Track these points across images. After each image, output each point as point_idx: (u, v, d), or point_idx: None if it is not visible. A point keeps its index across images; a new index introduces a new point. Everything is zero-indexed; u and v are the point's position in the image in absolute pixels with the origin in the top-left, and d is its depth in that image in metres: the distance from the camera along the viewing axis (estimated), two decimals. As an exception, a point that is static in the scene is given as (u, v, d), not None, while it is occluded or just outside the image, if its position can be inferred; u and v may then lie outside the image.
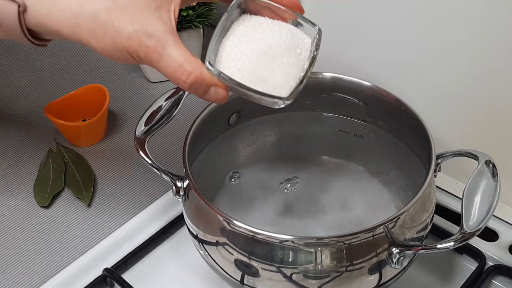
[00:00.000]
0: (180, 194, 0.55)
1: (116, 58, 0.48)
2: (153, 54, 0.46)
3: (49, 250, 0.64)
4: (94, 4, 0.47)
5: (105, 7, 0.46)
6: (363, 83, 0.61)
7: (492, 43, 0.58)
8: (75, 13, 0.47)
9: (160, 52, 0.46)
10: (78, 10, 0.47)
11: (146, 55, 0.46)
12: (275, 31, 0.49)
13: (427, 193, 0.52)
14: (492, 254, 0.61)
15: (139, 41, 0.46)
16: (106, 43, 0.47)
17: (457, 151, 0.56)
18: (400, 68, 0.67)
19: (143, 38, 0.46)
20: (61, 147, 0.75)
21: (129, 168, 0.73)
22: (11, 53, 0.92)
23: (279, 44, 0.48)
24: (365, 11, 0.67)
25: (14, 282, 0.61)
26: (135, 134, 0.57)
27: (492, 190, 0.50)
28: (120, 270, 0.61)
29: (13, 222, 0.66)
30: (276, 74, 0.48)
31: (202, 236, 0.53)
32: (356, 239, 0.48)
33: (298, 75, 0.48)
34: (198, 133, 0.58)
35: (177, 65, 0.46)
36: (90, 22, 0.46)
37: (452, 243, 0.47)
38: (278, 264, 0.49)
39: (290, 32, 0.49)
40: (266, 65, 0.48)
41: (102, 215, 0.67)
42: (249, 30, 0.49)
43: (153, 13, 0.46)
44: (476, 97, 0.62)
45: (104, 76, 0.87)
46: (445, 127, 0.66)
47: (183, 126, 0.73)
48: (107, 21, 0.46)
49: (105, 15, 0.46)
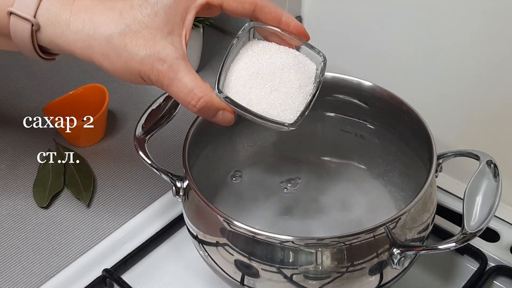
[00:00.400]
0: (180, 195, 0.55)
1: (127, 79, 0.50)
2: (164, 79, 0.47)
3: (48, 251, 0.63)
4: (107, 28, 0.48)
5: (118, 31, 0.47)
6: (364, 83, 0.61)
7: (493, 43, 0.58)
8: (88, 35, 0.48)
9: (171, 77, 0.47)
10: (91, 32, 0.48)
11: (157, 79, 0.48)
12: (281, 57, 0.51)
13: (428, 194, 0.52)
14: (494, 255, 0.61)
15: (151, 66, 0.47)
16: (119, 66, 0.48)
17: (458, 151, 0.56)
18: (401, 68, 0.67)
19: (155, 63, 0.47)
20: (60, 147, 0.74)
21: (128, 168, 0.72)
22: (11, 53, 0.91)
23: (285, 70, 0.50)
24: (366, 11, 0.67)
25: (13, 283, 0.60)
26: (135, 134, 0.57)
27: (493, 190, 0.50)
28: (119, 270, 0.61)
29: (12, 223, 0.66)
30: (282, 100, 0.50)
31: (202, 237, 0.53)
32: (357, 239, 0.48)
33: (304, 101, 0.50)
34: (198, 133, 0.58)
35: (187, 91, 0.47)
36: (104, 45, 0.48)
37: (454, 244, 0.47)
38: (279, 265, 0.48)
39: (296, 59, 0.51)
40: (272, 91, 0.50)
41: (101, 216, 0.67)
42: (257, 56, 0.51)
43: (165, 38, 0.48)
44: (478, 97, 0.62)
45: (104, 76, 0.86)
46: (447, 127, 0.65)
47: (183, 126, 0.73)
48: (120, 45, 0.47)
49: (118, 39, 0.47)
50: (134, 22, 0.47)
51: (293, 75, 0.51)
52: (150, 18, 0.47)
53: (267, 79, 0.50)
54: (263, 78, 0.50)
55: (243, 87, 0.50)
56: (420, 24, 0.63)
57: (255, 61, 0.51)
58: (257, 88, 0.50)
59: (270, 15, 0.51)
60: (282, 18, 0.51)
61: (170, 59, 0.47)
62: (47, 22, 0.49)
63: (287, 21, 0.51)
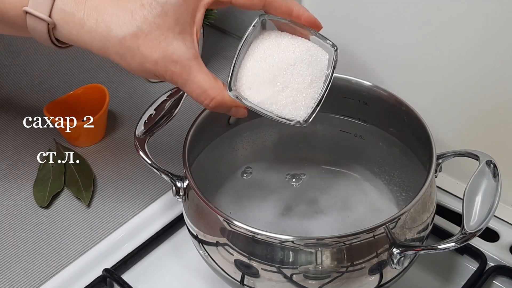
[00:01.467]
0: (180, 194, 0.55)
1: (144, 77, 0.52)
2: (178, 79, 0.49)
3: (48, 251, 0.63)
4: (120, 30, 0.48)
5: (131, 32, 0.48)
6: (363, 83, 0.61)
7: (494, 43, 0.58)
8: (102, 36, 0.49)
9: (185, 78, 0.49)
10: (105, 33, 0.48)
11: (172, 79, 0.50)
12: (293, 52, 0.50)
13: (428, 194, 0.52)
14: (493, 255, 0.61)
15: (165, 68, 0.48)
16: (134, 66, 0.49)
17: (458, 151, 0.56)
18: (401, 68, 0.67)
19: (169, 65, 0.48)
20: (60, 147, 0.74)
21: (129, 168, 0.72)
22: (11, 53, 0.92)
23: (297, 65, 0.50)
24: (365, 11, 0.67)
25: (13, 283, 0.60)
26: (135, 134, 0.57)
27: (493, 190, 0.50)
28: (119, 270, 0.61)
29: (12, 222, 0.66)
30: (294, 97, 0.50)
31: (202, 237, 0.53)
32: (357, 239, 0.48)
33: (316, 96, 0.50)
34: (198, 133, 0.58)
35: (200, 91, 0.49)
36: (118, 47, 0.48)
37: (453, 244, 0.47)
38: (279, 265, 0.48)
39: (309, 52, 0.51)
40: (283, 88, 0.50)
41: (101, 215, 0.67)
42: (268, 52, 0.50)
43: (177, 38, 0.48)
44: (477, 97, 0.62)
45: (104, 76, 0.87)
46: (446, 127, 0.65)
47: (183, 126, 0.73)
48: (133, 47, 0.48)
49: (131, 41, 0.48)
50: (145, 23, 0.48)
51: (304, 70, 0.50)
52: (161, 18, 0.47)
53: (278, 76, 0.50)
54: (275, 75, 0.50)
55: (254, 85, 0.50)
56: (420, 24, 0.63)
57: (267, 57, 0.50)
58: (269, 86, 0.50)
59: (280, 9, 0.51)
60: (293, 11, 0.51)
61: (183, 61, 0.48)
62: (62, 21, 0.50)
63: (298, 13, 0.51)
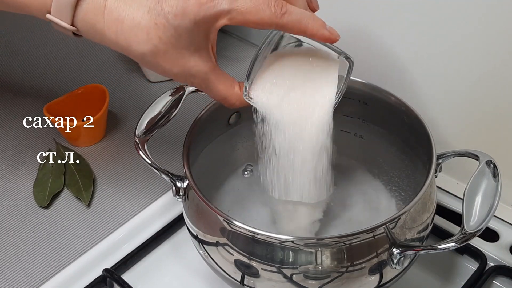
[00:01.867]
0: (180, 194, 0.55)
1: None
2: (199, 88, 0.52)
3: (48, 251, 0.63)
4: (138, 46, 0.50)
5: (149, 50, 0.49)
6: (363, 83, 0.61)
7: (493, 43, 0.58)
8: (124, 48, 0.50)
9: (204, 88, 0.52)
10: (126, 47, 0.50)
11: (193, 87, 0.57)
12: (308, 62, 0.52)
13: (428, 193, 0.52)
14: (493, 255, 0.61)
15: (185, 79, 0.51)
16: (158, 73, 0.52)
17: (458, 151, 0.56)
18: (401, 68, 0.67)
19: (188, 78, 0.51)
20: (60, 147, 0.74)
21: (129, 168, 0.72)
22: (11, 53, 0.92)
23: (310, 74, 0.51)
24: (365, 11, 0.67)
25: (13, 282, 0.60)
26: (135, 134, 0.57)
27: (493, 190, 0.50)
28: (119, 270, 0.61)
29: (12, 223, 0.66)
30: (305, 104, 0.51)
31: (202, 237, 0.53)
32: (357, 239, 0.48)
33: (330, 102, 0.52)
34: (198, 133, 0.58)
35: (220, 98, 0.52)
36: (139, 59, 0.51)
37: (453, 244, 0.47)
38: (278, 265, 0.48)
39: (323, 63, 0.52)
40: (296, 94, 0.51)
41: (101, 215, 0.67)
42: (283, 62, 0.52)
43: (193, 54, 0.50)
44: (477, 97, 0.62)
45: (104, 76, 0.87)
46: (446, 127, 0.65)
47: (183, 126, 0.73)
48: (153, 62, 0.50)
49: (151, 57, 0.50)
50: (160, 43, 0.49)
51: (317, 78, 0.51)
52: (175, 38, 0.48)
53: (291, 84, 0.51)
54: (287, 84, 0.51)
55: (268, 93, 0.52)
56: (420, 24, 0.63)
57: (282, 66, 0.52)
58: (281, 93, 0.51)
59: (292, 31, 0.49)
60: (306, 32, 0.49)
61: (201, 75, 0.50)
62: (84, 29, 0.51)
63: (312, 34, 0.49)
